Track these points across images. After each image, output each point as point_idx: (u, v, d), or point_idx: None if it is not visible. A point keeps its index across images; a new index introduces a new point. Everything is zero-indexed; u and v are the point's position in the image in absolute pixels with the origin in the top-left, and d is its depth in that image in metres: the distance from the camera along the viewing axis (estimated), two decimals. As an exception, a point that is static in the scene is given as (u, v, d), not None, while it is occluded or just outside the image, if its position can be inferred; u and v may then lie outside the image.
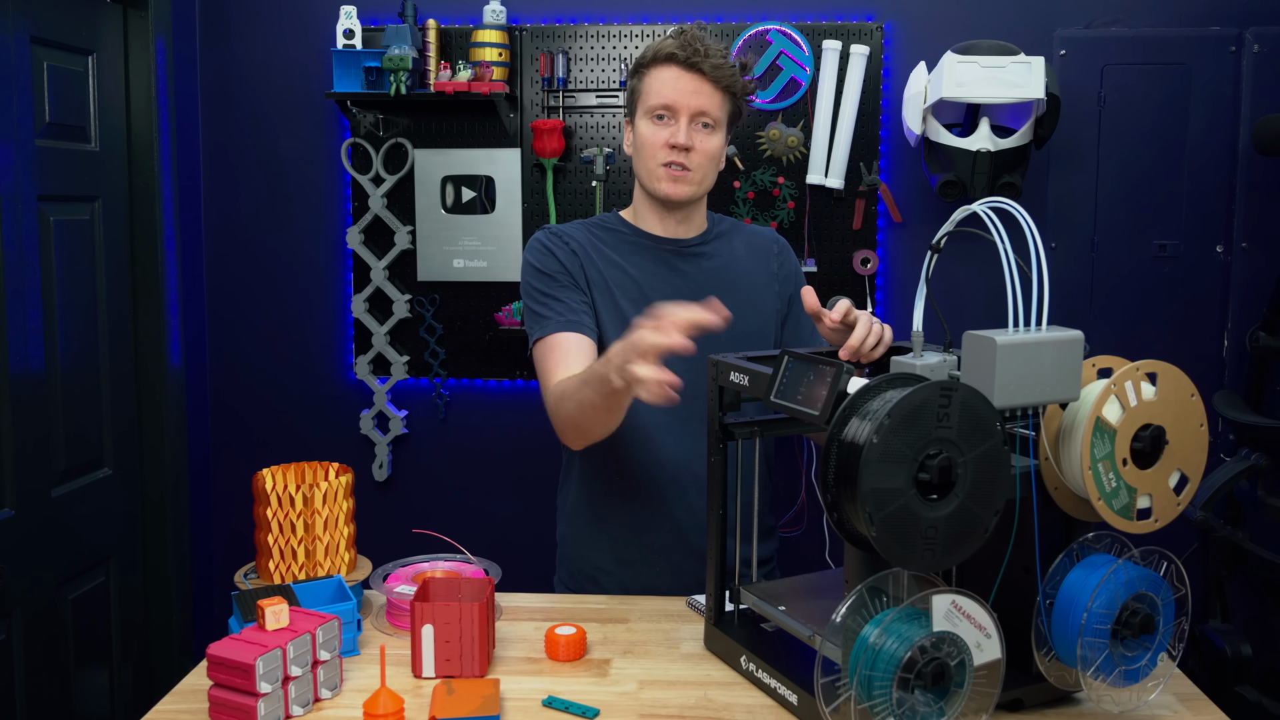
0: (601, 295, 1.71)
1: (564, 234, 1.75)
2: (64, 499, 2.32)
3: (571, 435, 1.63)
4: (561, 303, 1.68)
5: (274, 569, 1.55)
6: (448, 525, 2.05)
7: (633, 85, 1.73)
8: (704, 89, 1.65)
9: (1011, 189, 2.44)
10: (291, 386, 2.89)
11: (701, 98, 1.65)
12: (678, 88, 1.65)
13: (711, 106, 1.66)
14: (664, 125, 1.67)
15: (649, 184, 1.71)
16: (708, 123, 1.67)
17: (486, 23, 2.65)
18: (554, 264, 1.71)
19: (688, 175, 1.67)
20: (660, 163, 1.67)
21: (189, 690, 1.34)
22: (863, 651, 1.07)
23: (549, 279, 1.70)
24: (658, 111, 1.67)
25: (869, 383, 1.13)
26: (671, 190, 1.68)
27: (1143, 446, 1.17)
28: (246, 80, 2.82)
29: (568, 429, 1.62)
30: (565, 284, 1.70)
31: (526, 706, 1.28)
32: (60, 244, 2.30)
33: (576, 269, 1.71)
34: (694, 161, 1.67)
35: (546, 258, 1.71)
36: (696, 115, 1.66)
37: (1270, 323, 2.46)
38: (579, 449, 1.68)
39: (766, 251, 1.81)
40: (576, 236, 1.75)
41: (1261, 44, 2.55)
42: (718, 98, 1.67)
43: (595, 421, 1.55)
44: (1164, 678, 1.25)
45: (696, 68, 1.65)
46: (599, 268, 1.72)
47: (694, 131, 1.66)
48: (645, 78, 1.69)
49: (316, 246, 2.86)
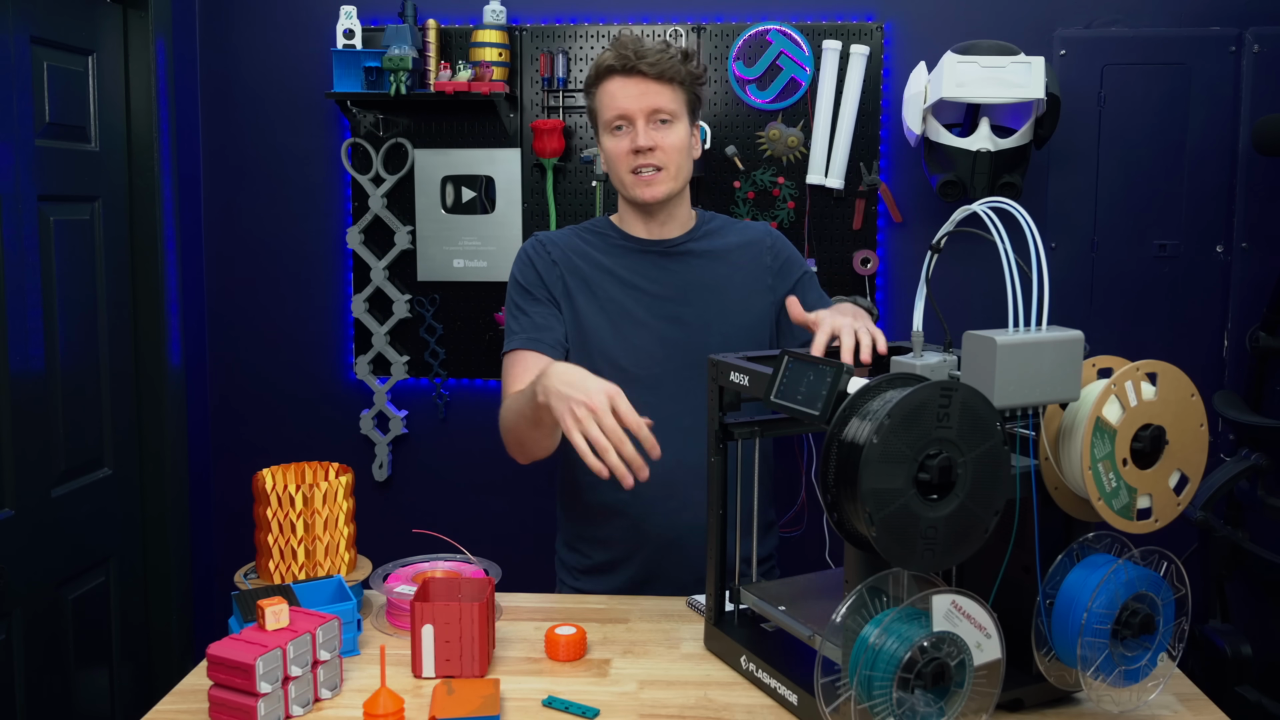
0: (585, 299, 1.75)
1: (548, 244, 1.80)
2: (64, 499, 2.32)
3: (512, 447, 1.70)
4: (529, 318, 1.74)
5: (274, 569, 1.55)
6: (448, 525, 2.05)
7: (590, 106, 1.78)
8: (649, 88, 1.69)
9: (1011, 189, 2.44)
10: (291, 386, 2.89)
11: (649, 97, 1.69)
12: (625, 94, 1.69)
13: (662, 101, 1.70)
14: (623, 135, 1.71)
15: (626, 193, 1.76)
16: (664, 118, 1.71)
17: (486, 23, 2.65)
18: (531, 276, 1.78)
19: (659, 175, 1.71)
20: (629, 170, 1.72)
21: (189, 690, 1.34)
22: (863, 651, 1.07)
23: (524, 292, 1.78)
24: (614, 124, 1.72)
25: (869, 383, 1.13)
26: (647, 193, 1.72)
27: (1143, 446, 1.17)
28: (246, 80, 2.82)
29: (508, 439, 1.69)
30: (537, 298, 1.76)
31: (526, 706, 1.28)
32: (60, 244, 2.30)
33: (554, 279, 1.76)
34: (662, 159, 1.71)
35: (526, 269, 1.79)
36: (651, 115, 1.70)
37: (1270, 323, 2.46)
38: (524, 464, 1.73)
39: (759, 246, 1.83)
40: (561, 244, 1.80)
41: (1261, 44, 2.55)
42: (666, 92, 1.70)
43: (525, 434, 1.61)
44: (1164, 678, 1.25)
45: (635, 70, 1.69)
46: (583, 273, 1.76)
47: (653, 130, 1.70)
48: (596, 96, 1.75)
49: (316, 246, 2.86)
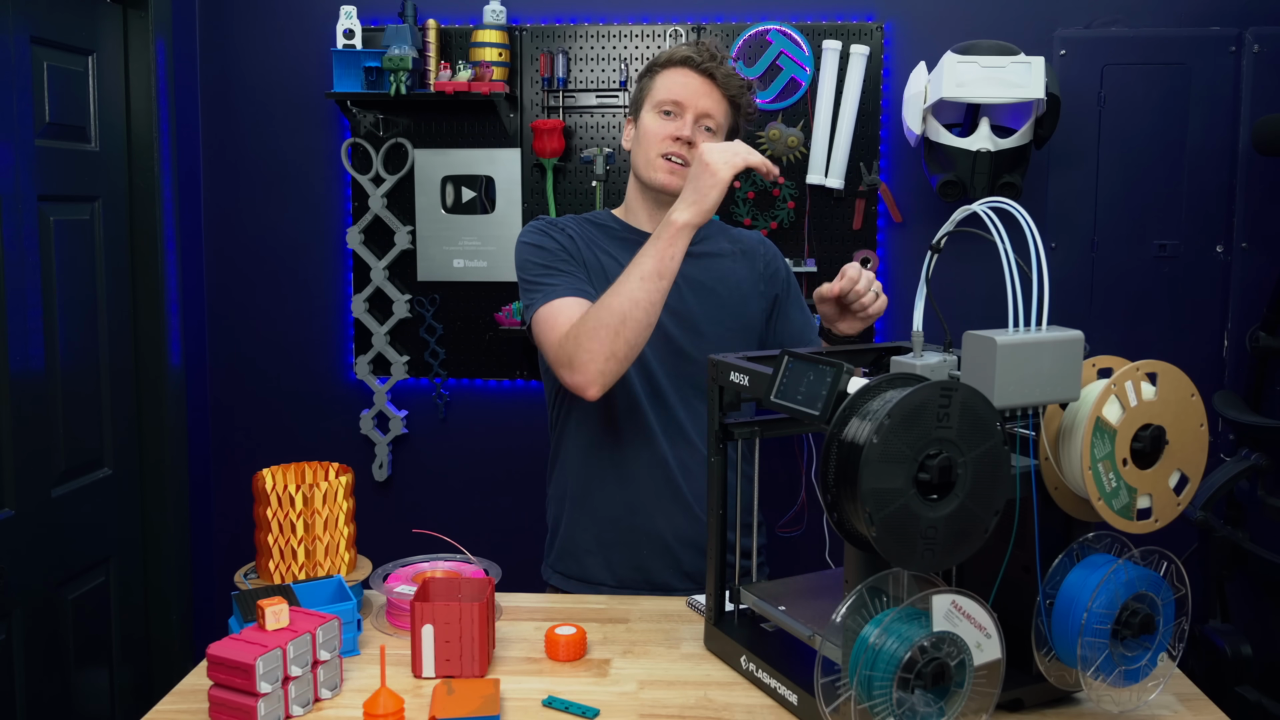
0: (598, 282, 1.74)
1: (558, 225, 1.79)
2: (64, 499, 2.32)
3: (604, 344, 1.52)
4: (565, 274, 1.69)
5: (274, 569, 1.55)
6: (448, 525, 2.05)
7: (642, 84, 1.78)
8: (713, 93, 1.72)
9: (1011, 189, 2.44)
10: (291, 386, 2.89)
11: (710, 101, 1.72)
12: (688, 87, 1.71)
13: (717, 111, 1.73)
14: (670, 120, 1.72)
15: (646, 173, 1.74)
16: (710, 126, 1.73)
17: (486, 23, 2.65)
18: (553, 244, 1.74)
19: (684, 170, 1.71)
20: (660, 153, 1.72)
21: (189, 690, 1.34)
22: (863, 651, 1.07)
23: (549, 254, 1.71)
24: (665, 107, 1.72)
25: (869, 383, 1.13)
26: (667, 181, 1.72)
27: (1143, 446, 1.17)
28: (246, 80, 2.82)
29: (605, 336, 1.52)
30: (566, 259, 1.73)
31: (526, 706, 1.28)
32: (60, 244, 2.30)
33: (575, 251, 1.75)
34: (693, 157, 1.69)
35: (545, 238, 1.75)
36: (701, 116, 1.72)
37: (1270, 323, 2.46)
38: (598, 392, 1.56)
39: (753, 252, 1.86)
40: (571, 227, 1.79)
41: (1261, 44, 2.55)
42: (724, 105, 1.74)
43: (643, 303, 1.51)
44: (1164, 678, 1.25)
45: (709, 73, 1.71)
46: (594, 256, 1.76)
47: (697, 131, 1.72)
48: (656, 77, 1.75)
49: (316, 246, 2.86)
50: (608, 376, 1.55)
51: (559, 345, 1.59)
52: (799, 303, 1.88)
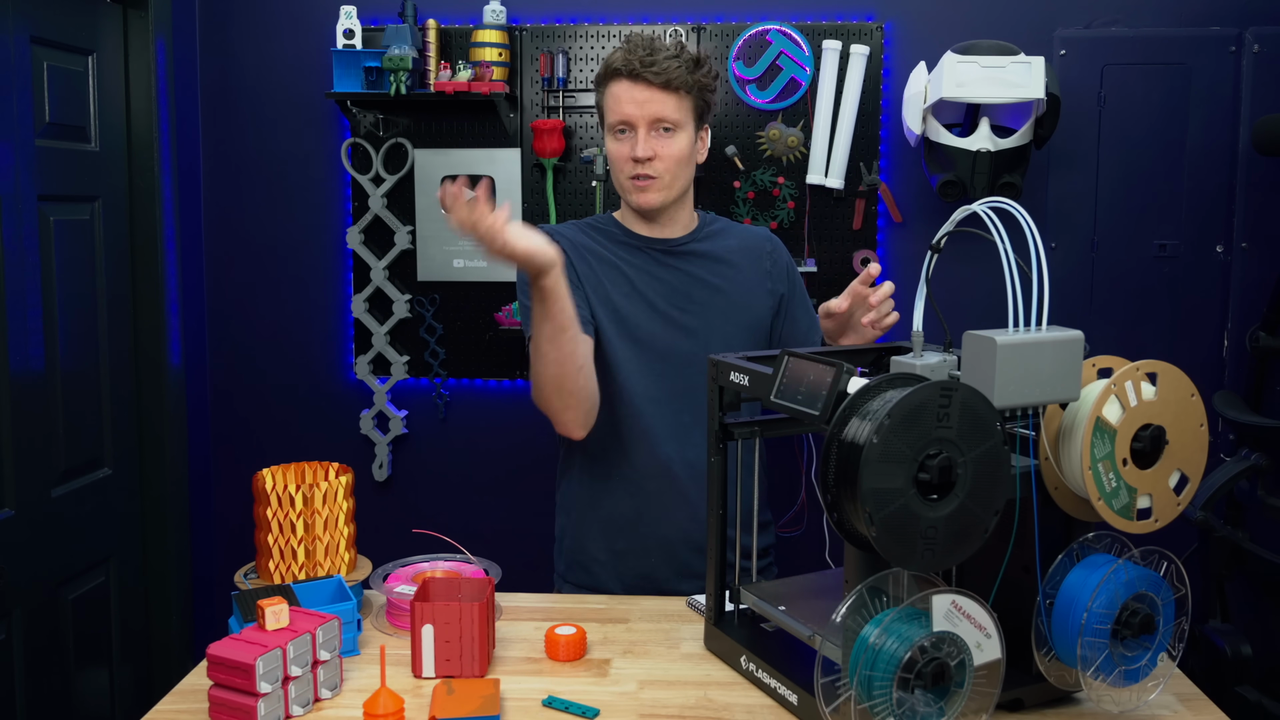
0: (594, 290, 1.74)
1: (556, 233, 1.78)
2: (64, 499, 2.32)
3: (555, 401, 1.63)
4: None
5: (274, 569, 1.55)
6: (448, 525, 2.05)
7: (597, 101, 1.76)
8: (654, 96, 1.67)
9: (1011, 189, 2.44)
10: (291, 386, 2.89)
11: (653, 105, 1.67)
12: (630, 99, 1.68)
13: (666, 111, 1.68)
14: (625, 140, 1.70)
15: (624, 197, 1.76)
16: (667, 126, 1.69)
17: (486, 23, 2.65)
18: None
19: (654, 183, 1.71)
20: (627, 176, 1.71)
21: (189, 690, 1.34)
22: (863, 651, 1.07)
23: None
24: (618, 127, 1.70)
25: (869, 383, 1.13)
26: (641, 200, 1.72)
27: (1143, 446, 1.17)
28: (246, 80, 2.82)
29: (550, 395, 1.63)
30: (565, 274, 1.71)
31: (526, 706, 1.28)
32: (60, 244, 2.30)
33: (568, 265, 1.72)
34: (659, 168, 1.70)
35: None
36: (653, 123, 1.68)
37: (1270, 323, 2.46)
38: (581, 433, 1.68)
39: (759, 250, 1.84)
40: (569, 235, 1.79)
41: (1261, 44, 2.55)
42: (671, 101, 1.68)
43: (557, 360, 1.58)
44: (1164, 678, 1.25)
45: (641, 78, 1.67)
46: (591, 264, 1.76)
47: (654, 139, 1.68)
48: (604, 94, 1.73)
49: (316, 246, 2.86)
50: (580, 420, 1.67)
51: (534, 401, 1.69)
52: (804, 303, 1.86)
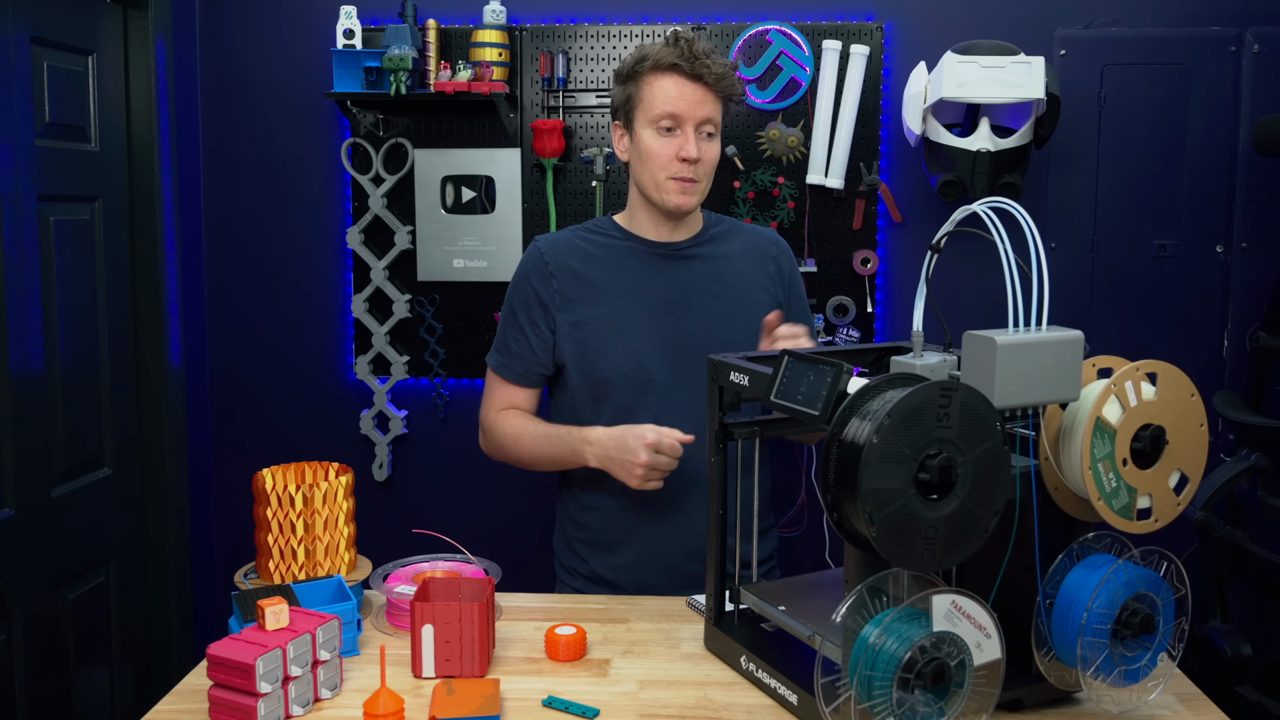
0: (585, 305, 1.73)
1: (547, 253, 1.77)
2: (64, 499, 2.32)
3: (501, 460, 1.85)
4: (506, 344, 1.80)
5: (274, 569, 1.55)
6: (448, 525, 2.04)
7: (628, 91, 1.70)
8: (708, 98, 1.66)
9: (1011, 189, 2.44)
10: (291, 386, 2.89)
11: (706, 107, 1.66)
12: (683, 97, 1.64)
13: (715, 115, 1.68)
14: (671, 137, 1.66)
15: (655, 195, 1.69)
16: (711, 131, 1.68)
17: (486, 23, 2.65)
18: (525, 292, 1.77)
19: (696, 186, 1.69)
20: (670, 175, 1.67)
21: (189, 690, 1.34)
22: (863, 651, 1.07)
23: (512, 312, 1.80)
24: (663, 122, 1.65)
25: (869, 383, 1.13)
26: (682, 202, 1.68)
27: (1143, 446, 1.17)
28: (246, 80, 2.82)
29: (504, 458, 1.84)
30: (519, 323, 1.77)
31: (526, 706, 1.28)
32: (60, 244, 2.30)
33: (550, 293, 1.74)
34: (701, 172, 1.68)
35: (522, 286, 1.78)
36: (702, 124, 1.66)
37: (1270, 323, 2.46)
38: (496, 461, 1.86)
39: (764, 252, 1.82)
40: (562, 250, 1.76)
41: (1261, 44, 2.55)
42: (719, 105, 1.68)
43: (542, 465, 1.79)
44: (1164, 678, 1.25)
45: (700, 78, 1.64)
46: (583, 278, 1.74)
47: (700, 141, 1.66)
48: (644, 84, 1.67)
49: (316, 246, 2.86)
50: None
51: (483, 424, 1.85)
52: (802, 309, 1.85)
